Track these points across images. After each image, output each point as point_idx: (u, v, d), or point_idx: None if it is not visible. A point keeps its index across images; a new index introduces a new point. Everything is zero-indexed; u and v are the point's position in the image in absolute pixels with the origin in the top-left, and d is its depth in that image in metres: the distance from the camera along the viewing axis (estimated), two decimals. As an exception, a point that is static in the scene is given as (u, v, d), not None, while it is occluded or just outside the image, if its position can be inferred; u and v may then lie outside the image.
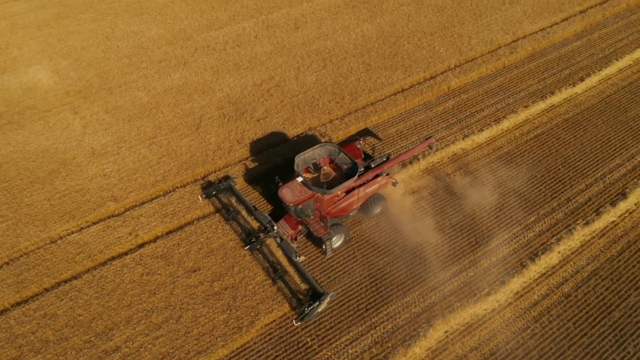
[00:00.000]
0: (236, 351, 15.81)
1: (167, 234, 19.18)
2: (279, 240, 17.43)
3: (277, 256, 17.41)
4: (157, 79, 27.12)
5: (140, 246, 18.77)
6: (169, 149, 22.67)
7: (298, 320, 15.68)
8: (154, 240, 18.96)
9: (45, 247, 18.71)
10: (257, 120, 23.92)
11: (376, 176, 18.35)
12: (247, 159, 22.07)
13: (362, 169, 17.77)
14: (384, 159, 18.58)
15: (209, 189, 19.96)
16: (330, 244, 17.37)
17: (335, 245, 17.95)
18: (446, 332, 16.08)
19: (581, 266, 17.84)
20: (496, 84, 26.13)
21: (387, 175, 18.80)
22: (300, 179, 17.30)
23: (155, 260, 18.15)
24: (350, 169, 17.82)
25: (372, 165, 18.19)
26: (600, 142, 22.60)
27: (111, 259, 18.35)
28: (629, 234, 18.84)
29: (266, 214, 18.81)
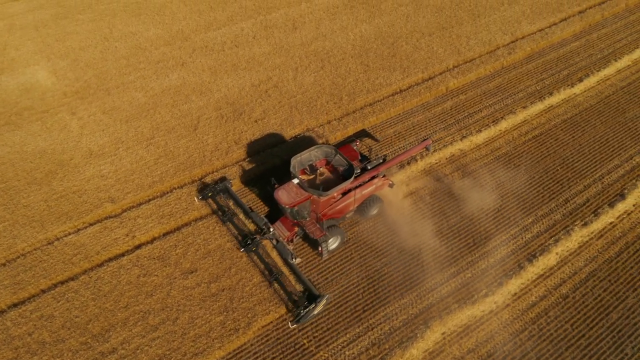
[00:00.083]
0: (233, 353, 15.79)
1: (164, 235, 19.15)
2: (275, 242, 17.40)
3: (273, 258, 17.36)
4: (154, 79, 27.08)
5: (137, 247, 18.75)
6: (166, 150, 22.63)
7: (294, 323, 15.64)
8: (151, 241, 18.93)
9: (42, 249, 18.69)
10: (255, 121, 23.88)
11: (372, 178, 18.30)
12: (245, 160, 22.03)
13: (358, 171, 17.69)
14: (381, 161, 18.55)
15: (204, 190, 19.93)
16: (327, 246, 17.33)
17: (331, 247, 17.91)
18: (443, 333, 16.07)
19: (579, 267, 17.82)
20: (494, 85, 26.08)
21: (383, 177, 18.75)
22: (296, 180, 17.24)
23: (152, 261, 18.12)
24: (346, 170, 17.77)
25: (369, 167, 18.15)
26: (598, 143, 22.56)
27: (108, 260, 18.33)
28: (627, 235, 18.81)
29: (262, 215, 18.80)
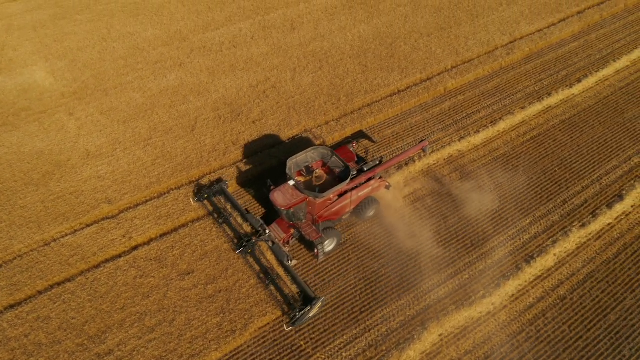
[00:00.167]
0: (229, 354, 15.76)
1: (161, 236, 19.10)
2: (271, 244, 17.35)
3: (269, 260, 17.30)
4: (152, 80, 27.04)
5: (134, 249, 18.70)
6: (163, 151, 22.59)
7: (289, 325, 15.62)
8: (148, 242, 18.88)
9: (39, 250, 18.65)
10: (253, 122, 23.84)
11: (369, 179, 18.24)
12: (242, 160, 21.98)
13: (354, 173, 17.65)
14: (377, 162, 18.48)
15: (201, 192, 19.87)
16: (323, 248, 17.26)
17: (327, 249, 17.86)
18: (441, 335, 16.03)
19: (577, 269, 17.78)
20: (493, 85, 26.04)
21: (380, 178, 18.69)
22: (292, 182, 17.18)
23: (148, 262, 18.08)
24: (342, 172, 17.71)
25: (365, 169, 18.10)
26: (597, 143, 22.52)
27: (105, 262, 18.28)
28: (625, 236, 18.77)
29: (258, 217, 18.74)
